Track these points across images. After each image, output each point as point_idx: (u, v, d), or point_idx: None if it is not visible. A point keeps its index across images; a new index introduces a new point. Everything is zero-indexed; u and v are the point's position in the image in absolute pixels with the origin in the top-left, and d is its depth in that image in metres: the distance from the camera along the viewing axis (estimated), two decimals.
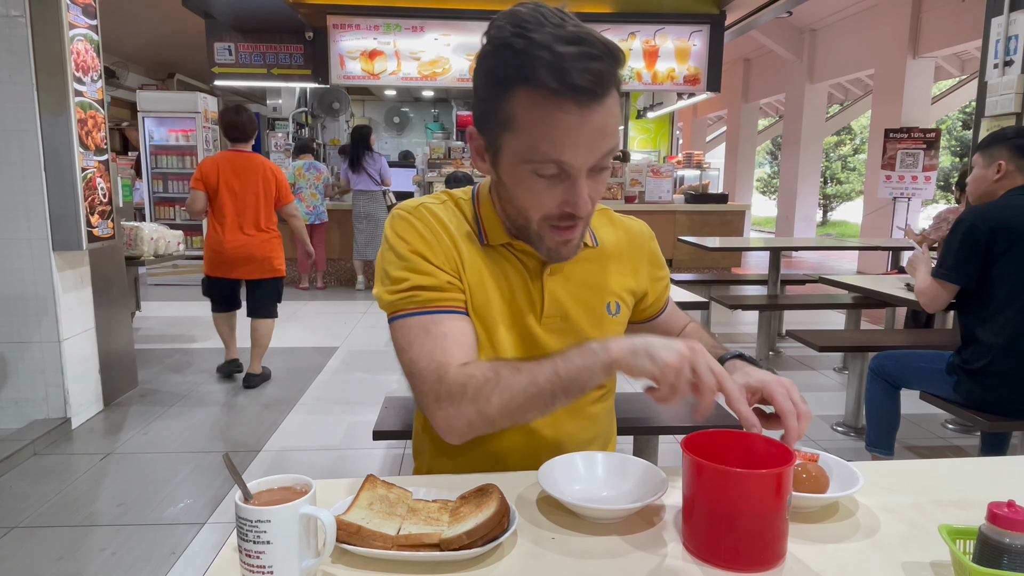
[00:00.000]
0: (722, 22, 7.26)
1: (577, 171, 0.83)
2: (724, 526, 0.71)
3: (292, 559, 0.66)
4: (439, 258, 0.92)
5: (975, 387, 2.20)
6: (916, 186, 7.58)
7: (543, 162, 0.82)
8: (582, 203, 0.84)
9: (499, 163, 0.88)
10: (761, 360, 4.10)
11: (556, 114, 0.79)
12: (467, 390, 0.84)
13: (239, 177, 3.61)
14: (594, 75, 0.77)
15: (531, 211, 0.88)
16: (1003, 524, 0.64)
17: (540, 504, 0.84)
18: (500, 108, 0.83)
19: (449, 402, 0.85)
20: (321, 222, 6.76)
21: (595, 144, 0.81)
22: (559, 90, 0.77)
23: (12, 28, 2.82)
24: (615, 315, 1.04)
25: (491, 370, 0.85)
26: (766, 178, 23.24)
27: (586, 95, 0.78)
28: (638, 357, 0.79)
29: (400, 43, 7.05)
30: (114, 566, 2.05)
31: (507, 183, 0.88)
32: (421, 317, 0.89)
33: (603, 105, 0.80)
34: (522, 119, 0.81)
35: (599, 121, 0.80)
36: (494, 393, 0.83)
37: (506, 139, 0.84)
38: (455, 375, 0.85)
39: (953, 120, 18.52)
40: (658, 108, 9.60)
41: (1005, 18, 3.29)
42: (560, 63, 0.76)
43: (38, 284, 2.99)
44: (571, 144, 0.80)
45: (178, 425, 3.22)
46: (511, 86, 0.81)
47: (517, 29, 0.79)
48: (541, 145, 0.81)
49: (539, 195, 0.85)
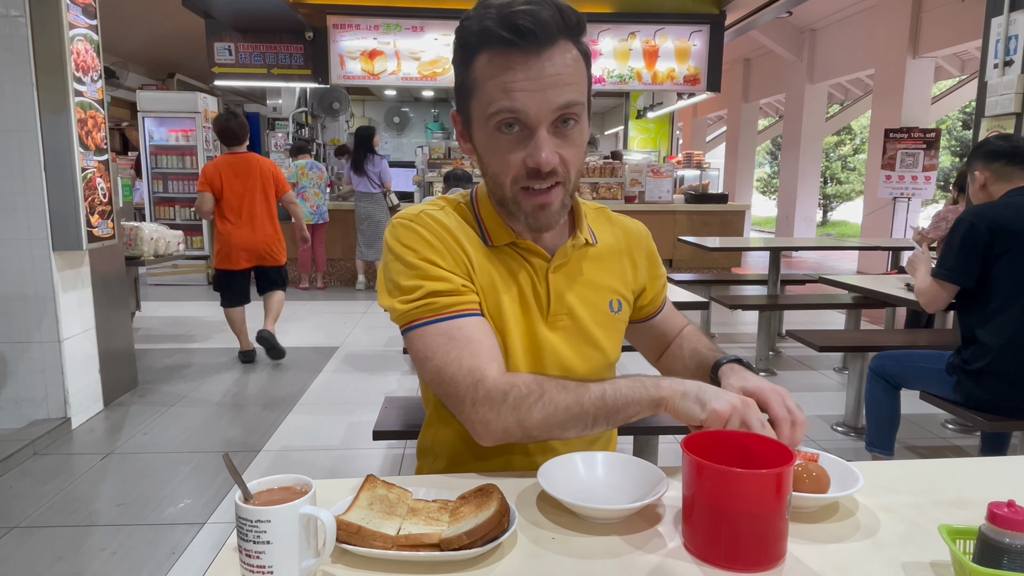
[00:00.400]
0: (722, 22, 7.26)
1: (534, 121, 0.85)
2: (724, 526, 0.70)
3: (292, 559, 0.66)
4: (449, 263, 0.92)
5: (975, 387, 2.20)
6: (916, 186, 7.58)
7: (499, 112, 0.84)
8: (544, 155, 0.85)
9: (472, 135, 0.92)
10: (761, 360, 4.12)
11: (505, 65, 0.83)
12: (508, 398, 0.85)
13: (239, 177, 3.98)
14: (536, 20, 0.81)
15: (502, 175, 0.89)
16: (1003, 524, 0.64)
17: (540, 504, 0.84)
18: (467, 79, 0.88)
19: (488, 406, 0.85)
20: (323, 221, 6.76)
21: (547, 92, 0.83)
22: (506, 39, 0.81)
23: (12, 28, 2.82)
24: (617, 312, 1.05)
25: (536, 383, 0.86)
26: (766, 178, 23.24)
27: (530, 41, 0.81)
28: (687, 400, 0.82)
29: (400, 43, 7.05)
30: (114, 566, 2.05)
31: (481, 152, 0.91)
32: (440, 324, 0.89)
33: (551, 53, 0.83)
34: (480, 78, 0.86)
35: (549, 69, 0.83)
36: (536, 406, 0.84)
37: (473, 105, 0.89)
38: (496, 380, 0.86)
39: (953, 120, 18.53)
40: (658, 108, 9.60)
41: (1005, 18, 3.29)
42: (504, 13, 0.81)
43: (38, 284, 2.99)
44: (520, 91, 0.83)
45: (178, 425, 3.22)
46: (473, 54, 0.86)
47: (478, 9, 0.85)
48: (496, 96, 0.84)
49: (504, 155, 0.88)
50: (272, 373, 4.06)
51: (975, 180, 2.28)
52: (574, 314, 1.00)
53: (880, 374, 2.52)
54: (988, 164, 2.24)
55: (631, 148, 10.03)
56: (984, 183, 2.25)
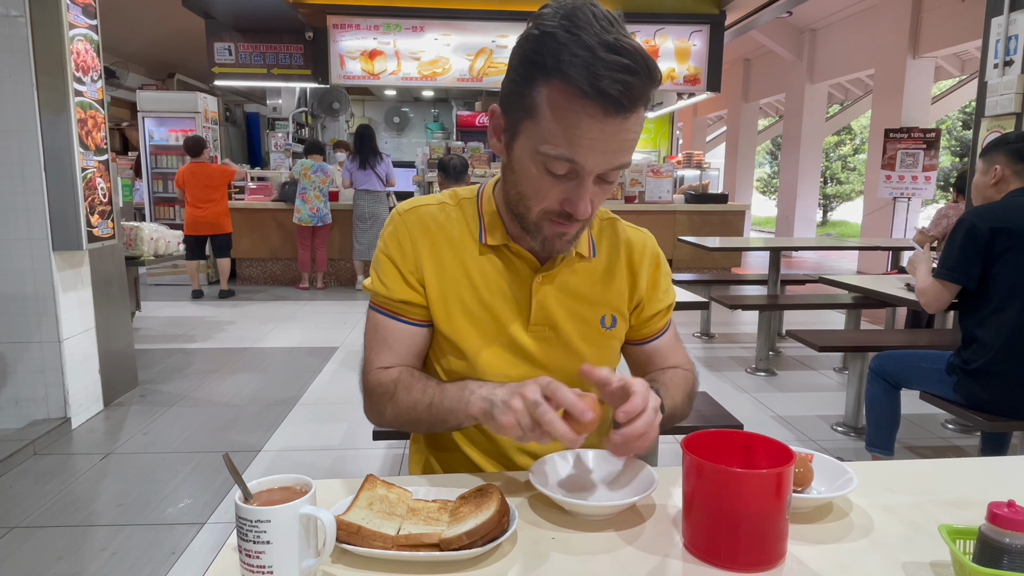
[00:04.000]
0: (722, 22, 7.26)
1: (586, 174, 0.83)
2: (724, 526, 0.71)
3: (292, 559, 0.66)
4: (406, 266, 0.98)
5: (975, 387, 2.20)
6: (916, 186, 7.58)
7: (556, 158, 0.82)
8: (583, 206, 0.85)
9: (513, 147, 0.88)
10: (761, 360, 4.12)
11: (580, 115, 0.79)
12: (374, 394, 0.98)
13: (198, 177, 6.19)
14: (626, 87, 0.76)
15: (532, 201, 0.88)
16: (1003, 524, 0.64)
17: (540, 504, 0.84)
18: (528, 94, 0.82)
19: (365, 396, 1.01)
20: (324, 224, 6.68)
21: (610, 154, 0.82)
22: (589, 93, 0.76)
23: (12, 28, 2.82)
24: (610, 329, 1.02)
25: (392, 383, 0.96)
26: (766, 178, 23.24)
27: (613, 105, 0.77)
28: (487, 419, 0.84)
29: (400, 43, 7.05)
30: (114, 566, 2.05)
31: (516, 168, 0.89)
32: (376, 314, 1.01)
33: (627, 119, 0.80)
34: (546, 110, 0.81)
35: (620, 134, 0.80)
36: (388, 405, 0.96)
37: (526, 125, 0.84)
38: (370, 377, 0.99)
39: (953, 120, 18.52)
40: (658, 108, 9.60)
41: (1005, 18, 3.29)
42: (596, 67, 0.76)
43: (38, 284, 2.99)
44: (587, 147, 0.80)
45: (178, 425, 3.22)
46: (544, 75, 0.80)
47: (565, 22, 0.78)
48: (558, 141, 0.81)
49: (543, 188, 0.86)
50: (272, 373, 4.06)
51: (992, 173, 2.23)
52: (557, 327, 0.99)
53: (880, 374, 2.52)
54: (1014, 163, 2.19)
55: None
56: (1000, 179, 2.22)
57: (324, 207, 6.63)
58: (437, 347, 1.02)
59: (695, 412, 2.05)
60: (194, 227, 6.20)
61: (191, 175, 6.15)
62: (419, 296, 0.98)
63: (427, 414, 0.92)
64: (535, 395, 0.78)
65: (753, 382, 3.96)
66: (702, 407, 2.10)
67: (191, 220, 6.19)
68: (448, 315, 0.98)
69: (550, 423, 0.77)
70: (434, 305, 0.98)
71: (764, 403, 3.59)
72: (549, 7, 0.81)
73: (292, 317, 5.67)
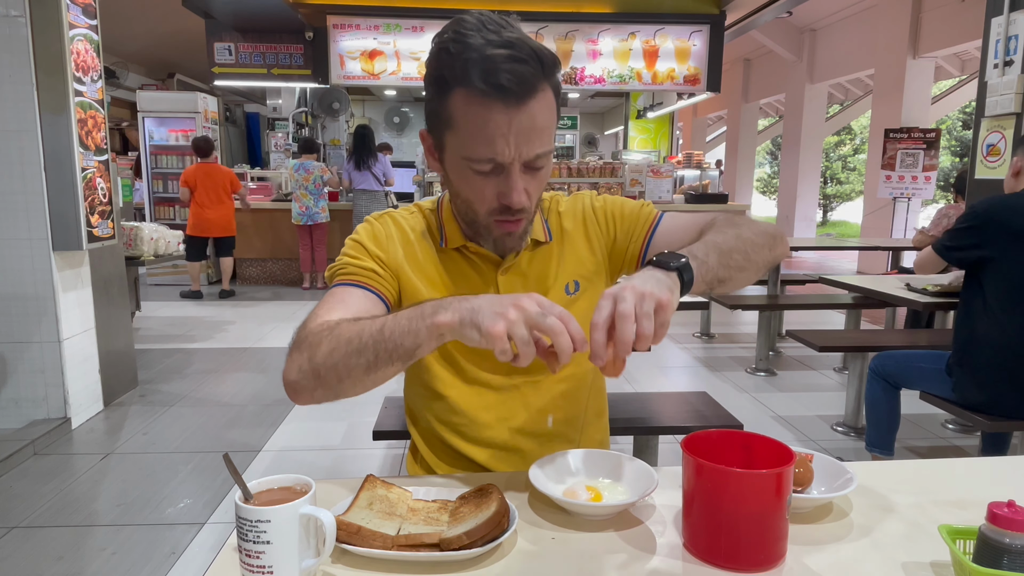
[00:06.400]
0: (722, 22, 7.26)
1: (509, 166, 0.87)
2: (724, 526, 0.71)
3: (292, 559, 0.66)
4: (377, 252, 1.00)
5: (975, 387, 2.20)
6: (916, 186, 7.58)
7: (478, 160, 0.87)
8: (516, 196, 0.88)
9: (444, 161, 0.94)
10: (761, 360, 4.12)
11: (486, 114, 0.84)
12: (310, 335, 0.84)
13: (209, 177, 6.19)
14: (517, 77, 0.82)
15: (475, 204, 0.93)
16: (1003, 524, 0.64)
17: (540, 504, 0.84)
18: (442, 109, 0.88)
19: (293, 349, 0.86)
20: (315, 223, 6.65)
21: (523, 142, 0.85)
22: (487, 91, 0.82)
23: (12, 28, 2.82)
24: (573, 294, 1.05)
25: (336, 322, 0.85)
26: (766, 178, 23.23)
27: (511, 96, 0.82)
28: (465, 327, 0.73)
29: (400, 43, 7.05)
30: (114, 566, 2.05)
31: (453, 179, 0.94)
32: (337, 287, 0.96)
33: (528, 106, 0.84)
34: (459, 119, 0.86)
35: (526, 121, 0.85)
36: (324, 341, 0.82)
37: (448, 138, 0.90)
38: (310, 324, 0.87)
39: (953, 120, 18.51)
40: (658, 108, 9.59)
41: (1005, 18, 3.29)
42: (487, 65, 0.81)
43: (38, 284, 2.99)
44: (501, 142, 0.85)
45: (178, 425, 3.22)
46: (450, 88, 0.86)
47: (454, 35, 0.84)
48: (475, 143, 0.86)
49: (478, 189, 0.90)
50: (272, 373, 4.06)
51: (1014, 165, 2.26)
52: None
53: (880, 374, 2.52)
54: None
55: (631, 148, 10.03)
56: (1019, 171, 2.24)
57: (315, 206, 6.59)
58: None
59: (695, 412, 2.05)
60: (203, 228, 6.18)
61: (204, 175, 6.12)
62: (387, 273, 0.99)
63: (375, 339, 0.78)
64: (534, 307, 0.72)
65: (753, 382, 3.96)
66: (702, 407, 2.10)
67: (200, 221, 6.15)
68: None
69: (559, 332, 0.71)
70: (407, 298, 1.00)
71: (764, 403, 3.59)
72: (442, 30, 0.88)
73: (292, 317, 5.67)
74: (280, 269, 7.31)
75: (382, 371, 0.80)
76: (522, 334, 0.71)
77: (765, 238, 0.97)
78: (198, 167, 6.13)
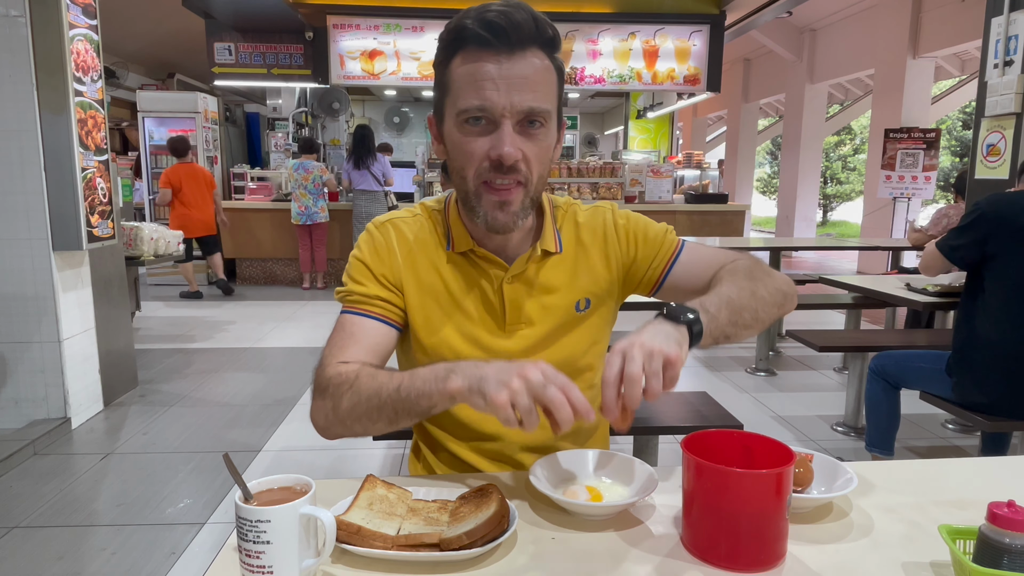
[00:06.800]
0: (722, 22, 7.26)
1: (499, 116, 0.86)
2: (724, 526, 0.71)
3: (292, 559, 0.66)
4: (380, 270, 0.98)
5: (975, 387, 2.20)
6: (916, 186, 7.58)
7: (468, 111, 0.87)
8: (507, 149, 0.86)
9: (443, 134, 0.94)
10: (761, 360, 4.12)
11: (477, 62, 0.86)
12: (330, 385, 0.89)
13: (193, 177, 6.20)
14: (510, 21, 0.84)
15: (466, 167, 0.90)
16: (1003, 524, 0.64)
17: (540, 504, 0.84)
18: (443, 79, 0.91)
19: (317, 394, 0.91)
20: (315, 222, 6.66)
21: (514, 90, 0.86)
22: (480, 36, 0.85)
23: (12, 28, 2.82)
24: (583, 311, 1.03)
25: (355, 372, 0.88)
26: (766, 178, 23.23)
27: (503, 40, 0.85)
28: (472, 394, 0.76)
29: (400, 43, 7.05)
30: (114, 566, 2.05)
31: (449, 149, 0.93)
32: (346, 315, 0.98)
33: (522, 55, 0.86)
34: (455, 78, 0.89)
35: (517, 70, 0.86)
36: (347, 395, 0.87)
37: (446, 103, 0.91)
38: (329, 370, 0.91)
39: (953, 120, 18.51)
40: (658, 108, 9.59)
41: (1005, 18, 3.29)
42: (481, 13, 0.85)
43: (38, 284, 2.99)
44: (490, 88, 0.85)
45: (178, 425, 3.22)
46: (450, 55, 0.89)
47: (459, 15, 0.88)
48: (466, 95, 0.87)
49: (469, 147, 0.89)
50: (272, 373, 4.06)
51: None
52: (533, 323, 1.01)
53: (880, 374, 2.52)
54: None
55: (631, 148, 10.03)
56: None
57: (314, 206, 6.59)
58: (417, 361, 1.02)
59: (695, 412, 2.05)
60: (190, 228, 6.11)
61: (187, 175, 6.13)
62: (394, 296, 0.99)
63: (393, 399, 0.83)
64: (538, 377, 0.74)
65: (753, 382, 3.96)
66: (702, 407, 2.10)
67: (187, 221, 6.10)
68: (427, 319, 0.99)
69: (561, 404, 0.72)
70: (413, 313, 0.99)
71: (764, 403, 3.59)
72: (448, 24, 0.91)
73: (292, 317, 5.67)
74: (280, 269, 7.31)
75: (402, 423, 0.86)
76: (525, 404, 0.73)
77: (778, 296, 0.98)
78: (180, 167, 6.14)
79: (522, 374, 0.74)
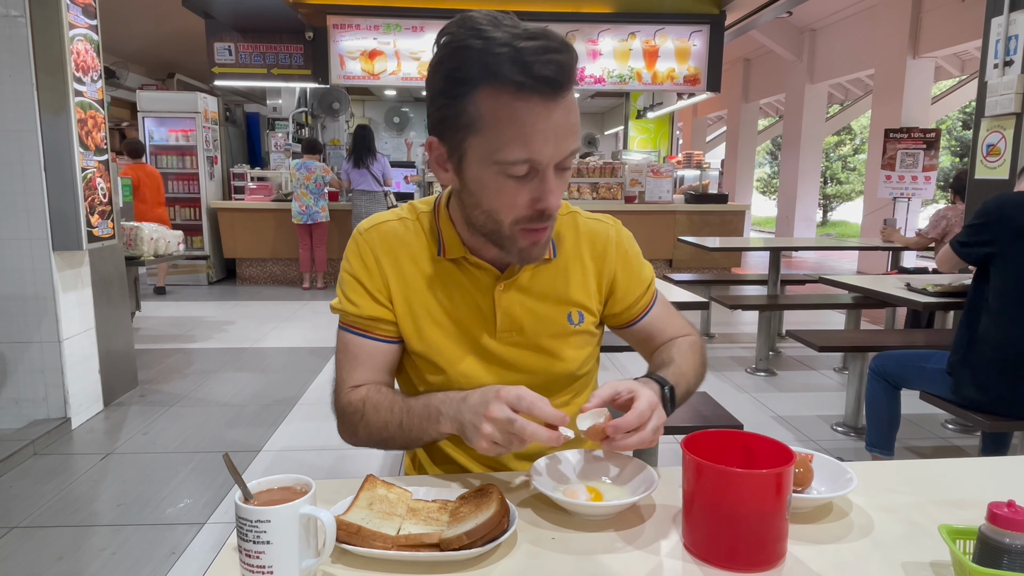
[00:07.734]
0: (722, 22, 7.26)
1: (546, 167, 0.81)
2: (724, 526, 0.71)
3: (292, 559, 0.66)
4: (372, 284, 0.98)
5: (975, 387, 2.20)
6: (916, 186, 7.58)
7: (513, 162, 0.80)
8: (553, 200, 0.83)
9: (464, 169, 0.85)
10: (761, 360, 4.12)
11: (522, 110, 0.78)
12: (345, 414, 0.97)
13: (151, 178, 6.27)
14: (557, 66, 0.76)
15: (502, 214, 0.85)
16: (1003, 524, 0.64)
17: (540, 504, 0.84)
18: (463, 111, 0.80)
19: (337, 418, 0.99)
20: (315, 222, 6.67)
21: (562, 140, 0.81)
22: (524, 83, 0.76)
23: (12, 28, 2.82)
24: (577, 325, 1.01)
25: (362, 403, 0.94)
26: (766, 178, 23.23)
27: (551, 87, 0.77)
28: (465, 432, 0.83)
29: (400, 43, 7.05)
30: (114, 566, 2.05)
31: (473, 189, 0.86)
32: (346, 333, 0.99)
33: (567, 99, 0.79)
34: (488, 119, 0.79)
35: (564, 116, 0.80)
36: (359, 424, 0.95)
37: (471, 142, 0.82)
38: (342, 398, 0.97)
39: (953, 120, 18.52)
40: (658, 108, 9.59)
41: (1005, 18, 3.28)
42: (522, 57, 0.75)
43: (38, 284, 2.99)
44: (541, 141, 0.79)
45: (178, 425, 3.22)
46: (474, 86, 0.79)
47: (471, 31, 0.78)
48: (509, 143, 0.79)
49: (509, 196, 0.84)
50: (272, 373, 4.06)
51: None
52: (525, 330, 0.99)
53: (880, 374, 2.51)
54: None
55: (631, 148, 10.03)
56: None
57: (315, 205, 6.61)
58: (412, 367, 1.02)
59: (695, 412, 2.05)
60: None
61: (146, 176, 6.19)
62: (387, 312, 0.97)
63: (400, 433, 0.91)
64: (503, 413, 0.78)
65: (753, 382, 3.96)
66: (702, 407, 2.10)
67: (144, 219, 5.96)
68: (417, 329, 0.98)
69: (532, 435, 0.78)
70: (403, 321, 0.98)
71: (764, 403, 3.59)
72: (449, 26, 0.81)
73: (292, 317, 5.67)
74: (280, 269, 7.31)
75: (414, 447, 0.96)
76: (504, 441, 0.79)
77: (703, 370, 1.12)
78: (137, 167, 6.15)
79: (489, 416, 0.79)
